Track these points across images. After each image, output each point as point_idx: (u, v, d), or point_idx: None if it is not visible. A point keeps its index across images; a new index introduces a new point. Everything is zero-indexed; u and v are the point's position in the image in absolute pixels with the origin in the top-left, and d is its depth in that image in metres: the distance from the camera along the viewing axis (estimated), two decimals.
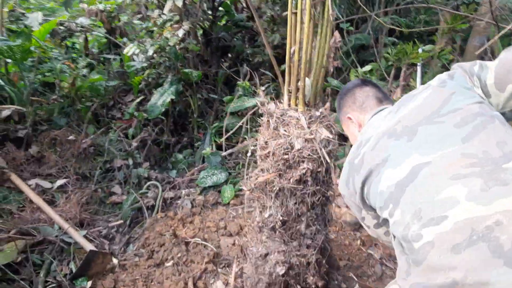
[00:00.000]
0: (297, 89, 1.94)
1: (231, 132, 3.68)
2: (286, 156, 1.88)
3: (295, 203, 1.97)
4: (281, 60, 3.88)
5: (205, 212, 3.27)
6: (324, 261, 2.12)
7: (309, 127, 1.86)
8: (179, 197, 3.43)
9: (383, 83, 3.72)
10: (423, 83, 3.16)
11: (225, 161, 3.75)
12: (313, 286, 2.04)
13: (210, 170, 3.57)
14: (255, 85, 4.31)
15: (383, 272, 2.59)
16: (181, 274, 2.50)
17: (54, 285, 2.28)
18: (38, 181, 2.89)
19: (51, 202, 2.87)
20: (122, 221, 2.95)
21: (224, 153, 3.82)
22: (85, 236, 2.67)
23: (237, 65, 4.72)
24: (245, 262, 2.64)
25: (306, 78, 1.93)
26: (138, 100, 3.89)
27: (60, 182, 2.95)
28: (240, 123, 3.72)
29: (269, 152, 1.95)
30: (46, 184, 2.91)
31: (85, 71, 4.15)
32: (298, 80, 1.92)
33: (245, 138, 4.05)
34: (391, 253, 2.74)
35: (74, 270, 2.42)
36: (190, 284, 2.41)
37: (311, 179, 1.91)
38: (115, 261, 2.57)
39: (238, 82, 4.19)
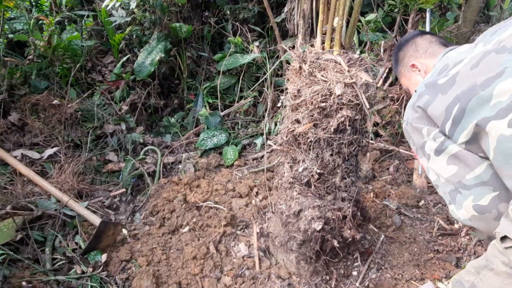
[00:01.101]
0: (332, 30, 1.75)
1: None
2: (323, 104, 1.73)
3: (331, 155, 1.84)
4: (267, 15, 3.64)
5: (210, 175, 3.10)
6: (358, 214, 2.05)
7: (348, 71, 1.70)
8: (180, 162, 3.23)
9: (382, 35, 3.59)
10: (431, 30, 3.05)
11: (223, 122, 3.54)
12: (350, 239, 1.97)
13: (210, 132, 3.36)
14: (247, 42, 4.05)
15: (402, 222, 2.58)
16: (199, 239, 2.35)
17: (63, 261, 2.06)
18: (24, 151, 2.57)
19: (42, 174, 2.57)
20: (124, 190, 2.72)
21: (222, 113, 3.61)
22: (87, 207, 2.44)
23: (222, 22, 4.40)
24: (263, 222, 2.54)
25: (336, 18, 1.74)
26: (124, 59, 3.53)
27: (49, 151, 2.64)
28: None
29: (302, 101, 1.78)
30: (34, 154, 2.59)
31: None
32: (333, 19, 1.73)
33: (242, 97, 3.84)
34: (407, 203, 2.73)
35: (81, 244, 2.21)
36: (212, 248, 2.27)
37: (350, 127, 1.77)
38: (125, 231, 2.38)
39: (229, 38, 3.91)
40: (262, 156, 3.40)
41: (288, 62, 3.66)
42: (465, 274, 1.08)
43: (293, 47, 1.88)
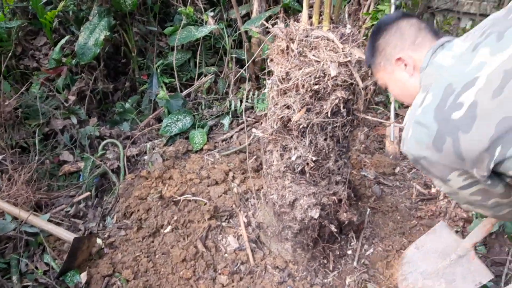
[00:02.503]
0: (321, 3, 1.58)
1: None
2: (316, 87, 1.59)
3: (325, 139, 1.74)
4: None
5: (180, 164, 2.88)
6: (352, 194, 2.01)
7: (342, 49, 1.56)
8: (145, 153, 2.96)
9: None
10: None
11: (186, 103, 3.28)
12: (346, 221, 1.93)
13: (174, 116, 3.10)
14: (199, 11, 3.70)
15: (381, 191, 2.61)
16: (185, 238, 2.19)
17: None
18: None
19: None
20: (88, 193, 2.43)
21: (183, 94, 3.33)
22: (49, 220, 2.14)
23: None
24: (248, 210, 2.44)
25: None
26: (63, 41, 3.05)
27: None
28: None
29: (293, 85, 1.63)
30: None
31: None
32: None
33: (202, 74, 3.57)
34: (384, 172, 2.76)
35: (53, 265, 1.95)
36: (200, 247, 2.13)
37: (344, 109, 1.67)
38: (99, 241, 2.14)
39: (180, 9, 3.55)
40: (231, 137, 3.23)
41: (246, 33, 3.43)
42: None
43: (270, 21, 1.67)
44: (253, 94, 3.45)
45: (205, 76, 3.57)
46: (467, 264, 1.66)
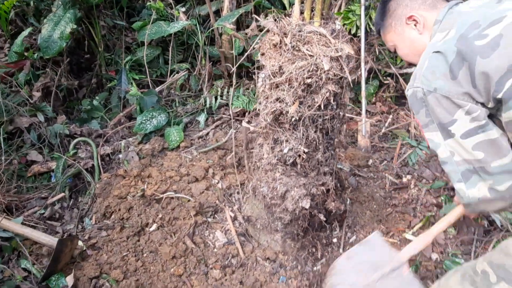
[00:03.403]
0: None
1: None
2: (309, 80, 1.64)
3: (315, 131, 1.80)
4: None
5: (157, 162, 2.82)
6: (338, 184, 2.09)
7: (334, 44, 1.63)
8: (119, 151, 2.85)
9: None
10: None
11: (160, 100, 3.20)
12: (334, 210, 2.01)
13: (148, 113, 3.02)
14: (169, 6, 3.63)
15: (357, 182, 2.74)
16: (172, 235, 2.16)
17: None
18: None
19: None
20: (63, 194, 2.30)
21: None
22: (23, 223, 2.01)
23: None
24: (233, 205, 2.45)
25: None
26: (26, 32, 2.84)
27: None
28: None
29: (286, 79, 1.67)
30: None
31: None
32: None
33: (174, 70, 3.50)
34: (359, 164, 2.90)
35: (32, 270, 1.83)
36: (189, 243, 2.11)
37: (334, 102, 1.74)
38: (80, 243, 2.04)
39: (149, 3, 3.46)
40: (207, 134, 3.22)
41: (220, 32, 3.42)
42: (510, 261, 1.06)
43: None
44: (227, 91, 3.45)
45: (177, 72, 3.52)
46: (400, 278, 1.54)
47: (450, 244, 2.16)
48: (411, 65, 3.17)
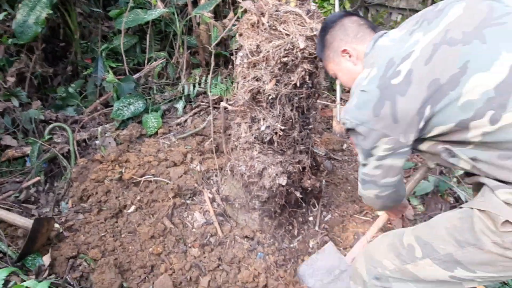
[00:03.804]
0: None
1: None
2: (285, 59, 1.70)
3: (291, 110, 1.86)
4: None
5: (135, 147, 2.82)
6: (314, 164, 2.16)
7: (309, 24, 1.69)
8: (96, 137, 2.83)
9: None
10: None
11: (138, 87, 3.19)
12: (310, 188, 2.08)
13: (125, 100, 3.00)
14: None
15: (332, 166, 2.83)
16: (151, 216, 2.17)
17: None
18: None
19: None
20: (38, 178, 2.27)
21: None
22: None
23: None
24: (211, 187, 2.48)
25: None
26: (0, 17, 2.76)
27: None
28: None
29: (263, 57, 1.72)
30: None
31: None
32: None
33: (152, 58, 3.49)
34: (333, 148, 2.99)
35: (8, 251, 1.80)
36: (167, 223, 2.13)
37: (309, 81, 1.80)
38: (56, 226, 2.02)
39: None
40: (185, 121, 3.23)
41: (198, 21, 3.44)
42: (438, 240, 1.13)
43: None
44: (205, 80, 3.47)
45: (155, 61, 3.50)
46: (347, 279, 1.83)
47: (419, 220, 2.27)
48: None
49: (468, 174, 1.17)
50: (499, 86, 0.96)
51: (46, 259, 1.75)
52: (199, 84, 3.45)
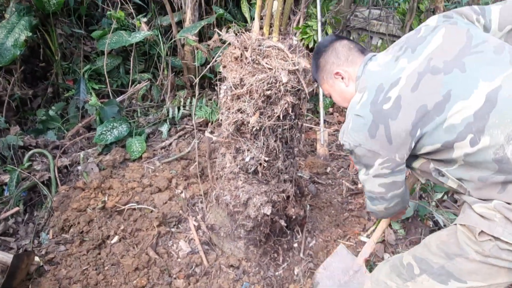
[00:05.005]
0: (271, 15, 1.73)
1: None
2: (269, 92, 1.73)
3: (275, 141, 1.89)
4: None
5: (118, 173, 2.79)
6: (298, 191, 2.18)
7: (291, 58, 1.73)
8: (77, 163, 2.78)
9: None
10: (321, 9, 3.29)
11: (122, 110, 3.16)
12: (294, 216, 2.10)
13: (109, 124, 2.97)
14: (130, 16, 3.62)
15: (317, 189, 2.86)
16: (135, 247, 2.14)
17: None
18: None
19: None
20: (18, 208, 2.21)
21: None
22: None
23: None
24: (197, 214, 2.47)
25: (275, 2, 1.74)
26: None
27: None
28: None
29: (247, 90, 1.75)
30: None
31: None
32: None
33: (136, 80, 3.48)
34: (318, 172, 3.03)
35: None
36: (152, 254, 2.10)
37: (292, 113, 1.84)
38: (37, 259, 1.97)
39: (109, 12, 3.43)
40: (170, 144, 3.22)
41: (182, 43, 3.46)
42: (432, 255, 1.24)
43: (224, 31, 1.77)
44: (190, 102, 3.48)
45: (138, 82, 3.50)
46: (362, 277, 1.95)
47: (400, 244, 2.31)
48: None
49: (457, 192, 1.25)
50: (477, 112, 1.06)
51: None
52: (184, 106, 3.45)
